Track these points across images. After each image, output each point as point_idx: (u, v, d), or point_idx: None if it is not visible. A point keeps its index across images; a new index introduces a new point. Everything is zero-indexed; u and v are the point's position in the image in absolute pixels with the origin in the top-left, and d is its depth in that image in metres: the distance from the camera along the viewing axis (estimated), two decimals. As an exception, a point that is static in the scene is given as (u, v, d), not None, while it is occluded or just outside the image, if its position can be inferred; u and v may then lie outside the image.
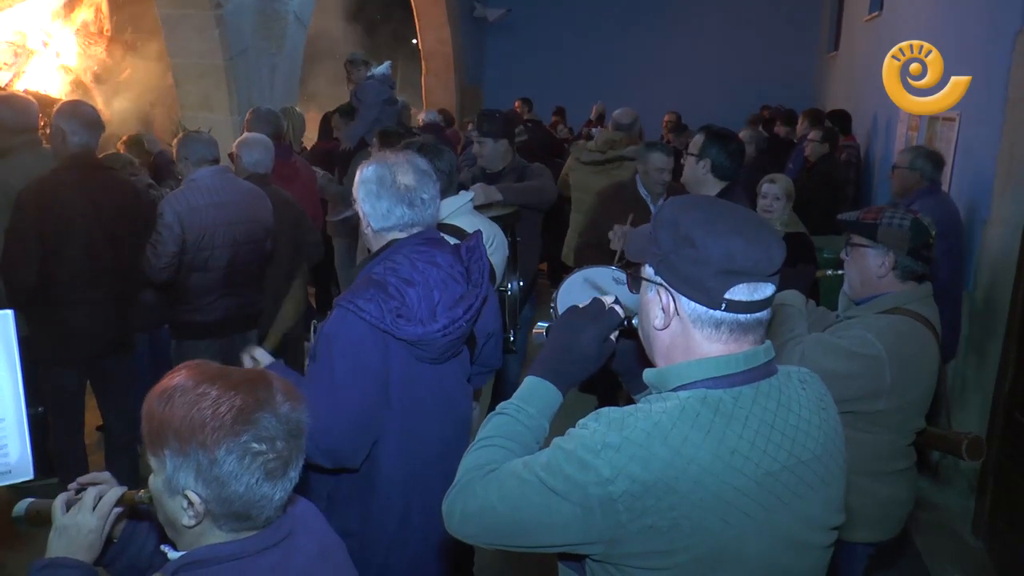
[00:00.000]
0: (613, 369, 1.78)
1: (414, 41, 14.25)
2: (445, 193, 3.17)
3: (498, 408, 1.63)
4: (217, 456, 1.36)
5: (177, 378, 1.43)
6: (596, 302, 1.67)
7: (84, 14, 8.84)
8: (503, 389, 5.11)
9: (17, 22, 8.34)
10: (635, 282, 1.55)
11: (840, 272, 2.84)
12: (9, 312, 2.17)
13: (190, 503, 1.39)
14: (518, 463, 1.47)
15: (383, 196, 2.30)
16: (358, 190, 2.33)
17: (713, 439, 1.37)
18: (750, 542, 1.39)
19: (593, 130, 9.20)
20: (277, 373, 2.31)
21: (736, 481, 1.37)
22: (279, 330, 2.92)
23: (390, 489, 2.34)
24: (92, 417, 4.41)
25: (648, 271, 1.51)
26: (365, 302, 2.15)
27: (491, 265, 2.56)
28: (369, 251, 2.42)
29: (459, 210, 3.20)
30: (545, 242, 5.27)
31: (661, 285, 1.47)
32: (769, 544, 1.42)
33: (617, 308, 1.65)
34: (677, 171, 4.51)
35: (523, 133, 7.22)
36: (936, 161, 4.93)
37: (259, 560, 1.44)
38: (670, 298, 1.46)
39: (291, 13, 7.99)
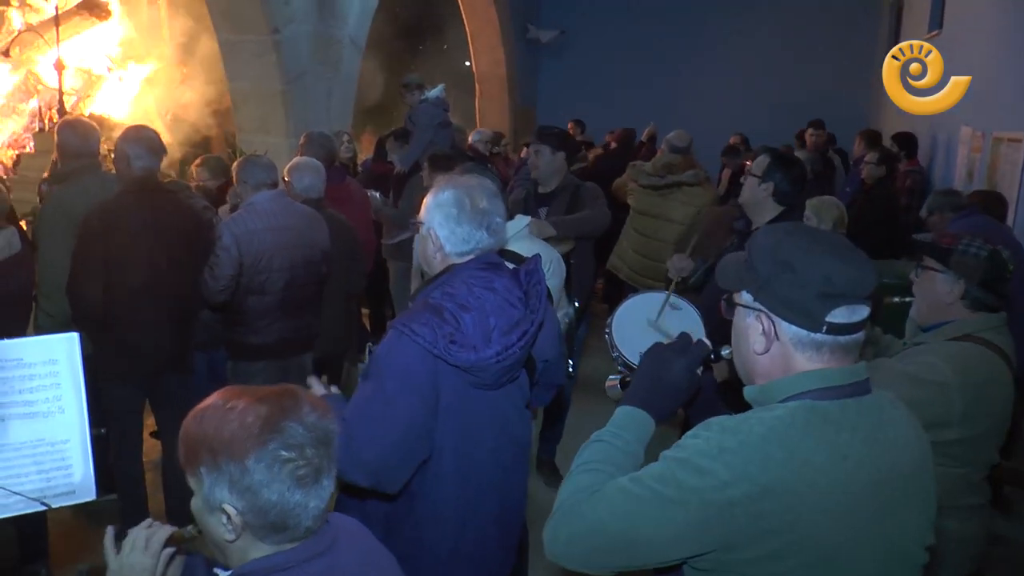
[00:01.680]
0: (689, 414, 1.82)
1: (467, 63, 14.36)
2: None
3: (593, 436, 1.67)
4: (247, 465, 1.39)
5: (209, 400, 1.51)
6: (684, 336, 1.73)
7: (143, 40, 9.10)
8: (558, 412, 5.08)
9: (84, 49, 8.63)
10: (729, 308, 1.59)
11: (908, 300, 2.76)
12: (75, 335, 2.22)
13: (228, 517, 1.42)
14: (624, 480, 1.50)
15: (463, 221, 2.28)
16: (433, 214, 2.31)
17: (825, 444, 1.41)
18: (855, 549, 1.42)
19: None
20: (333, 404, 2.34)
21: (848, 485, 1.41)
22: None
23: (443, 514, 2.32)
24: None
25: (746, 298, 1.55)
26: (420, 326, 2.14)
27: (548, 289, 2.53)
28: (424, 274, 2.41)
29: (516, 235, 3.18)
30: (599, 262, 5.23)
31: (761, 311, 1.51)
32: (872, 553, 1.44)
33: (705, 340, 1.70)
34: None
35: (585, 159, 7.18)
36: (946, 193, 4.84)
37: (307, 568, 1.46)
38: (770, 323, 1.50)
39: (346, 37, 8.12)
